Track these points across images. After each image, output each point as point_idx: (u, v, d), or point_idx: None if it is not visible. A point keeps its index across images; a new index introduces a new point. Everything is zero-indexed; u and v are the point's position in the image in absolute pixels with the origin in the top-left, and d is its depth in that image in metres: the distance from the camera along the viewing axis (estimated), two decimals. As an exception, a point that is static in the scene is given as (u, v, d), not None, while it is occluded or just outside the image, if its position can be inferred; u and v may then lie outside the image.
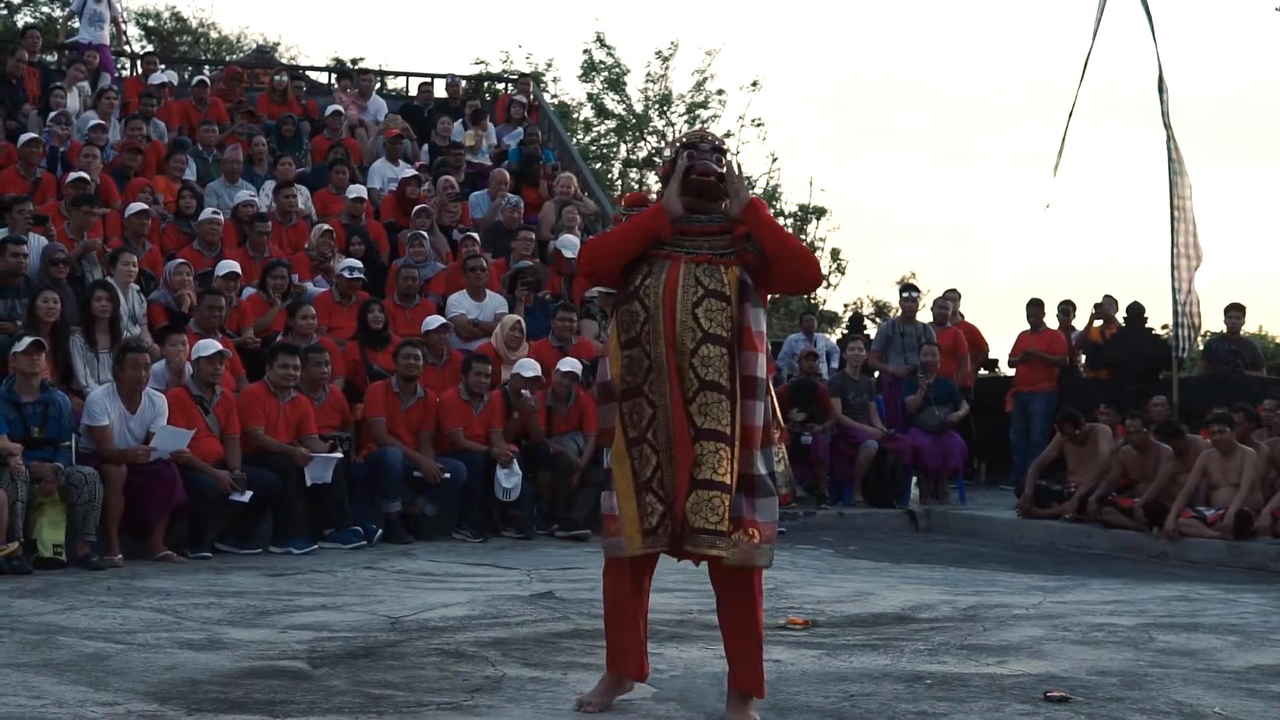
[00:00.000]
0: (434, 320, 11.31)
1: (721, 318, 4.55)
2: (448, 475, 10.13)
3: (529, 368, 10.77)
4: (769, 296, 4.89)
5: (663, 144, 31.69)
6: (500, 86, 23.76)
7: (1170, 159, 12.58)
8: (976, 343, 15.04)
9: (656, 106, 31.40)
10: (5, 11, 31.14)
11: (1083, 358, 14.94)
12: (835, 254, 31.40)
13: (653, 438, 4.56)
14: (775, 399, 4.73)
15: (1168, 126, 12.65)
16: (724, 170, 4.70)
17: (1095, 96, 55.54)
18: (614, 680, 4.76)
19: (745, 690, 4.60)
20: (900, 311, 14.44)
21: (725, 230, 4.67)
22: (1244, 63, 52.20)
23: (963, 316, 15.18)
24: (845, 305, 32.32)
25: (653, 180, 32.93)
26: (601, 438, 4.77)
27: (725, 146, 4.81)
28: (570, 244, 13.71)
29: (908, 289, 14.71)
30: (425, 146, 16.29)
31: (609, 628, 4.76)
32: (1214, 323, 15.12)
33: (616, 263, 4.72)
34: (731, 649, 4.63)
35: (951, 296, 15.09)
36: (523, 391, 10.66)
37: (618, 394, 4.64)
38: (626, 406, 4.61)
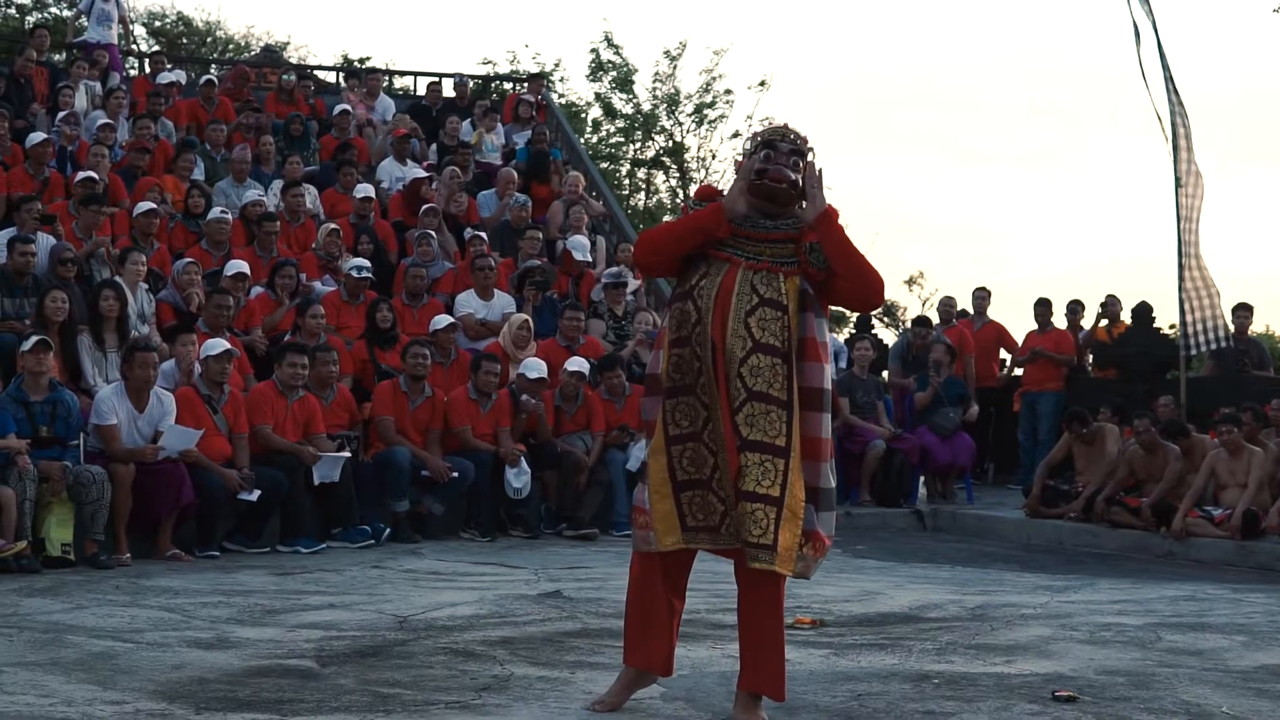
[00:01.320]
0: (442, 319, 11.31)
1: (776, 328, 4.42)
2: (455, 474, 10.14)
3: (534, 368, 10.77)
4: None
5: (670, 143, 31.73)
6: (508, 86, 23.78)
7: (1171, 98, 12.54)
8: (1005, 342, 15.02)
9: (664, 106, 31.40)
10: (14, 12, 31.20)
11: (1090, 357, 14.93)
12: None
13: (709, 439, 4.47)
14: None
15: (1169, 79, 12.59)
16: (797, 176, 4.52)
17: (1098, 98, 55.55)
18: (631, 676, 4.70)
19: (762, 692, 4.56)
20: (912, 334, 14.37)
21: (790, 238, 4.51)
22: (1249, 62, 52.15)
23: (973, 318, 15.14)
24: (853, 304, 32.24)
25: (660, 180, 32.97)
26: (643, 429, 4.69)
27: (807, 147, 4.60)
28: (579, 244, 13.73)
29: (919, 322, 14.63)
30: (433, 146, 16.31)
31: (629, 620, 4.69)
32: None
33: (669, 255, 4.60)
34: (750, 650, 4.55)
35: (980, 295, 15.08)
36: (523, 397, 10.67)
37: (663, 389, 4.56)
38: (670, 404, 4.52)
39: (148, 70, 17.54)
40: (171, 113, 15.19)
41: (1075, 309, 15.14)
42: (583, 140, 25.70)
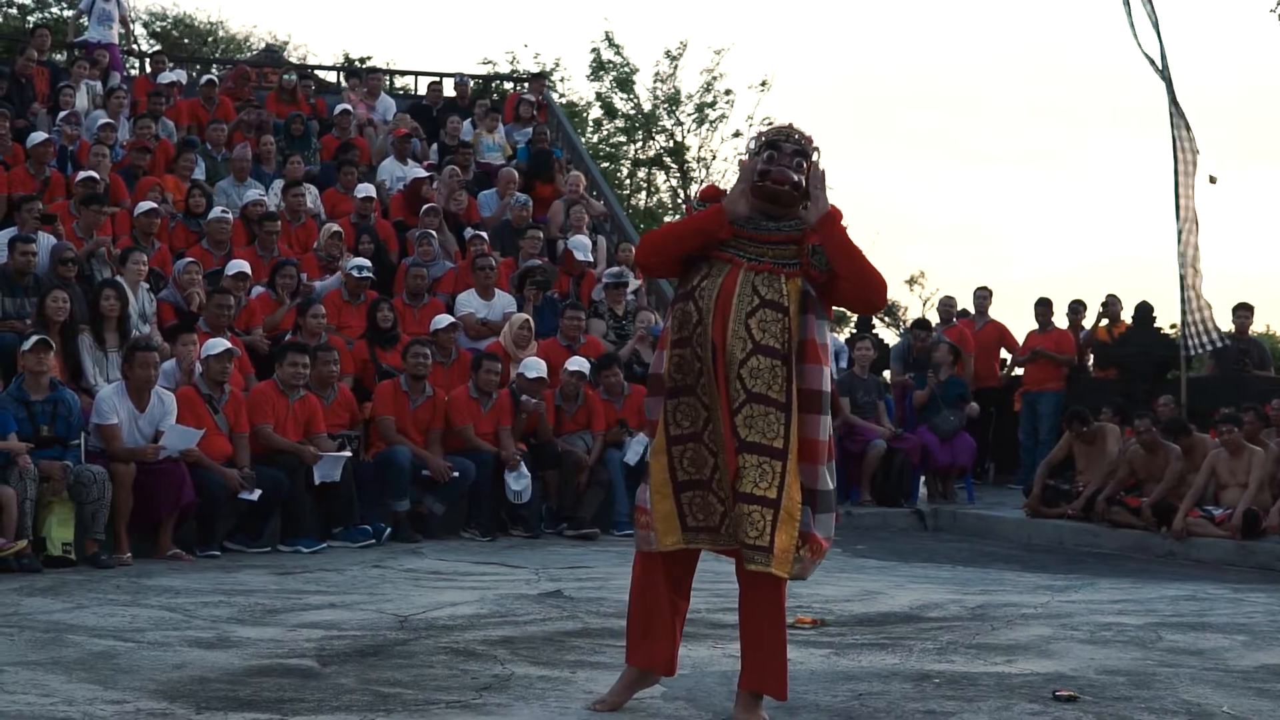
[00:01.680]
0: (443, 319, 11.31)
1: (776, 329, 4.41)
2: (456, 474, 10.14)
3: (533, 368, 10.77)
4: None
5: (671, 142, 31.72)
6: (509, 86, 23.77)
7: (1174, 117, 12.56)
8: (1006, 342, 15.01)
9: (665, 106, 31.39)
10: (15, 12, 31.20)
11: (1091, 357, 14.93)
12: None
13: (709, 439, 4.46)
14: None
15: (1167, 79, 12.59)
16: (800, 178, 4.48)
17: (1098, 98, 55.59)
18: (633, 676, 4.70)
19: (763, 691, 4.55)
20: (912, 337, 14.37)
21: (792, 240, 4.49)
22: (1249, 62, 52.16)
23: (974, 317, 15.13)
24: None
25: (661, 180, 32.97)
26: (644, 428, 4.69)
27: (812, 147, 4.57)
28: (580, 244, 13.73)
29: (919, 324, 14.63)
30: (434, 146, 16.30)
31: (632, 620, 4.68)
32: (1222, 323, 15.13)
33: (670, 256, 4.59)
34: (751, 649, 4.54)
35: (981, 295, 15.07)
36: (524, 397, 10.67)
37: (665, 389, 4.54)
38: (671, 404, 4.52)
39: (148, 70, 17.54)
40: (172, 112, 15.19)
41: (1076, 309, 15.13)
42: (583, 140, 25.71)
